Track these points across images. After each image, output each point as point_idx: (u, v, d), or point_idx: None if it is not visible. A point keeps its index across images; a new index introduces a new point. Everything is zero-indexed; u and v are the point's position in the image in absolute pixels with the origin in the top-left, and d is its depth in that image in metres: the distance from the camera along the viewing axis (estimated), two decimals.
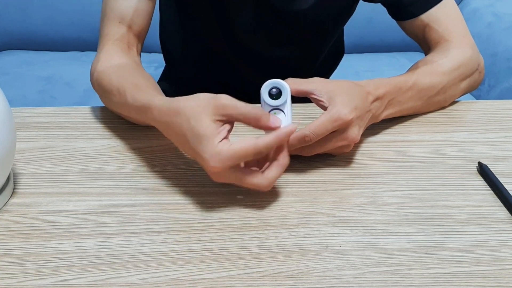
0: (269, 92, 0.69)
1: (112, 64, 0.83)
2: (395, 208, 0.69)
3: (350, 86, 0.74)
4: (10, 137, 0.67)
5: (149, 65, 1.73)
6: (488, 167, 0.74)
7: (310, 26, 0.98)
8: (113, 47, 0.86)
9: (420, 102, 0.83)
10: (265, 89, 0.69)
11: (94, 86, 0.85)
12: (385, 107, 0.79)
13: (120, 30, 0.87)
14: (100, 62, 0.84)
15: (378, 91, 0.77)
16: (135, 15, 0.88)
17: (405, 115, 0.84)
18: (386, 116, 0.80)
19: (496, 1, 1.76)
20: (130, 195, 0.71)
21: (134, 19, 0.88)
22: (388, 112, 0.80)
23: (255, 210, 0.68)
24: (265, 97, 0.69)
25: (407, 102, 0.82)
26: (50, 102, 1.61)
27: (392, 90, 0.79)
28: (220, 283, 0.59)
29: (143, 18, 0.89)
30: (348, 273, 0.60)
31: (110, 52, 0.85)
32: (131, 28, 0.88)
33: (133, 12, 0.88)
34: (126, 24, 0.88)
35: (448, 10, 0.91)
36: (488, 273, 0.60)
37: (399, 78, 0.82)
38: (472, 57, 0.89)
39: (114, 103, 0.80)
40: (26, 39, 1.83)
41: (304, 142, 0.70)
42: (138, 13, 0.88)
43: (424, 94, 0.83)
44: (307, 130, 0.69)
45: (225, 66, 1.04)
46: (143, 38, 0.92)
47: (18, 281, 0.59)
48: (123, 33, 0.88)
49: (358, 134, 0.72)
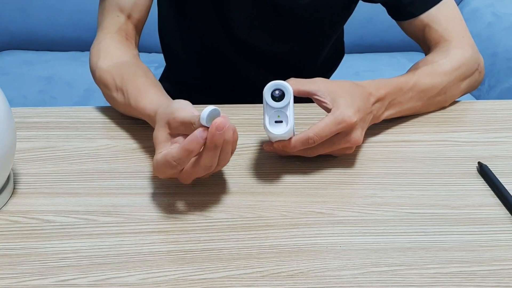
0: (271, 93, 0.69)
1: (114, 62, 0.84)
2: (395, 208, 0.69)
3: (352, 87, 0.74)
4: (10, 137, 0.67)
5: (149, 65, 1.71)
6: (488, 167, 0.74)
7: (309, 22, 0.98)
8: (113, 42, 0.87)
9: (421, 103, 0.83)
10: (268, 91, 0.69)
11: (96, 81, 0.86)
12: (386, 107, 0.79)
13: (120, 20, 0.89)
14: (101, 58, 0.85)
15: (379, 92, 0.77)
16: (134, 6, 0.90)
17: (405, 115, 0.84)
18: (386, 116, 0.80)
19: (496, 1, 1.76)
20: (130, 195, 0.71)
21: (134, 9, 0.90)
22: (388, 112, 0.80)
23: (255, 210, 0.68)
24: (267, 99, 0.69)
25: (407, 102, 0.82)
26: (50, 102, 1.60)
27: (393, 91, 0.79)
28: (220, 283, 0.59)
29: (142, 10, 0.91)
30: (348, 273, 0.60)
31: (110, 46, 0.87)
32: (130, 18, 0.90)
33: (133, 3, 0.90)
34: (125, 14, 0.89)
35: (448, 10, 0.91)
36: (488, 273, 0.60)
37: (400, 78, 0.82)
38: (472, 57, 0.89)
39: (117, 102, 0.81)
40: (26, 39, 1.83)
41: (308, 144, 0.70)
42: (137, 4, 0.90)
43: (425, 94, 0.83)
44: (311, 132, 0.69)
45: (226, 63, 1.04)
46: (141, 30, 0.94)
47: (18, 281, 0.59)
48: (122, 23, 0.89)
49: (361, 137, 0.72)
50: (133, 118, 0.82)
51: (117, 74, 0.82)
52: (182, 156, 0.62)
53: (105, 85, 0.83)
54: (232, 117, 0.85)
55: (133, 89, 0.78)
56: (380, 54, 1.85)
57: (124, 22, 0.89)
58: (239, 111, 0.87)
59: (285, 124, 0.69)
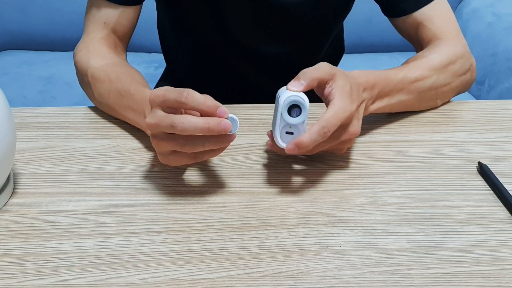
0: (288, 108, 0.68)
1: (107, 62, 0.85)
2: (395, 208, 0.69)
3: (347, 76, 0.73)
4: (10, 137, 0.67)
5: (149, 65, 1.73)
6: (488, 167, 0.74)
7: (306, 22, 0.98)
8: (102, 46, 0.89)
9: (411, 96, 0.83)
10: (285, 106, 0.68)
11: (88, 78, 0.86)
12: (375, 98, 0.78)
13: (105, 31, 0.91)
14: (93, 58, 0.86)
15: (368, 81, 0.76)
16: (117, 22, 0.91)
17: (396, 110, 0.84)
18: (376, 109, 0.79)
19: (496, 1, 1.76)
20: (130, 195, 0.71)
21: (117, 25, 0.92)
22: (378, 105, 0.79)
23: (255, 210, 0.68)
24: (284, 114, 0.68)
25: (397, 94, 0.81)
26: (50, 102, 1.61)
27: (382, 81, 0.79)
28: (220, 283, 0.59)
29: (125, 25, 0.93)
30: (348, 273, 0.60)
31: (101, 49, 0.88)
32: (115, 32, 0.92)
33: (117, 18, 0.91)
34: (109, 29, 0.91)
35: (441, 9, 0.92)
36: (488, 273, 0.60)
37: (389, 71, 0.82)
38: (464, 55, 0.89)
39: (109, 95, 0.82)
40: (26, 39, 1.83)
41: (323, 135, 0.67)
42: (121, 19, 0.92)
43: (414, 87, 0.83)
44: (322, 121, 0.67)
45: (224, 65, 1.04)
46: (127, 43, 0.96)
47: (18, 281, 0.59)
48: (108, 33, 0.91)
49: (358, 127, 0.72)
50: None
51: (112, 70, 0.83)
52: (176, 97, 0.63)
53: (98, 79, 0.83)
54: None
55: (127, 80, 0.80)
56: (380, 54, 1.85)
57: (109, 33, 0.91)
58: (239, 111, 0.86)
59: (295, 136, 0.68)
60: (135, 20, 0.94)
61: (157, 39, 1.14)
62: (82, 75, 0.87)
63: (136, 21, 0.95)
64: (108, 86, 0.82)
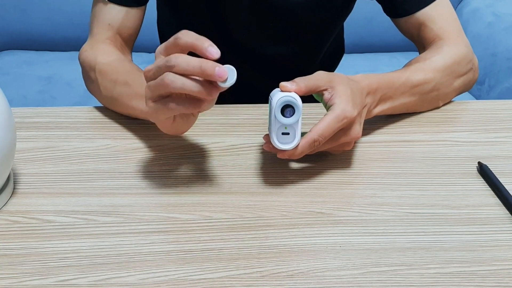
0: (281, 110, 0.68)
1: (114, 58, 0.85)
2: (395, 208, 0.69)
3: (349, 81, 0.74)
4: (10, 137, 0.67)
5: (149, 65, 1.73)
6: (488, 167, 0.74)
7: (306, 23, 0.98)
8: (108, 46, 0.89)
9: (413, 99, 0.83)
10: (278, 107, 0.68)
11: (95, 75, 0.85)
12: (378, 102, 0.78)
13: (109, 33, 0.91)
14: (100, 56, 0.86)
15: (371, 85, 0.77)
16: (122, 25, 0.91)
17: (398, 112, 0.84)
18: (379, 112, 0.80)
19: (496, 1, 1.76)
20: (130, 195, 0.71)
21: (122, 27, 0.91)
22: (380, 108, 0.80)
23: (255, 210, 0.68)
24: (277, 115, 0.68)
25: (399, 97, 0.81)
26: (50, 102, 1.61)
27: (385, 85, 0.79)
28: (220, 283, 0.59)
29: (130, 27, 0.93)
30: (348, 273, 0.60)
31: (107, 49, 0.88)
32: (120, 33, 0.92)
33: (121, 20, 0.91)
34: (114, 31, 0.91)
35: (443, 9, 0.92)
36: (488, 273, 0.60)
37: (392, 73, 0.82)
38: (466, 55, 0.89)
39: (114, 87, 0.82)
40: (26, 39, 1.83)
41: (314, 147, 0.69)
42: (125, 21, 0.91)
43: (417, 90, 0.83)
44: (315, 134, 0.68)
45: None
46: (132, 43, 0.96)
47: (18, 281, 0.59)
48: (113, 34, 0.91)
49: (360, 131, 0.72)
50: (133, 118, 0.82)
51: (120, 64, 0.84)
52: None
53: (106, 73, 0.83)
54: (231, 117, 0.85)
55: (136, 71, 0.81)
56: (380, 54, 1.85)
57: (115, 34, 0.91)
58: (239, 111, 0.87)
59: (292, 136, 0.68)
60: (140, 22, 0.94)
61: (157, 39, 1.14)
62: (88, 71, 0.87)
63: (140, 23, 0.94)
64: (115, 77, 0.82)
